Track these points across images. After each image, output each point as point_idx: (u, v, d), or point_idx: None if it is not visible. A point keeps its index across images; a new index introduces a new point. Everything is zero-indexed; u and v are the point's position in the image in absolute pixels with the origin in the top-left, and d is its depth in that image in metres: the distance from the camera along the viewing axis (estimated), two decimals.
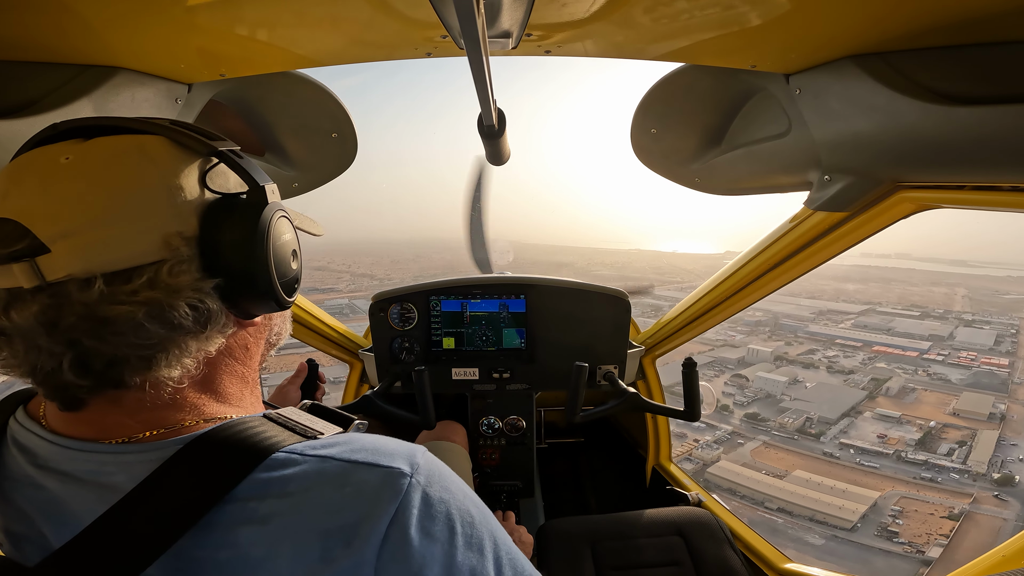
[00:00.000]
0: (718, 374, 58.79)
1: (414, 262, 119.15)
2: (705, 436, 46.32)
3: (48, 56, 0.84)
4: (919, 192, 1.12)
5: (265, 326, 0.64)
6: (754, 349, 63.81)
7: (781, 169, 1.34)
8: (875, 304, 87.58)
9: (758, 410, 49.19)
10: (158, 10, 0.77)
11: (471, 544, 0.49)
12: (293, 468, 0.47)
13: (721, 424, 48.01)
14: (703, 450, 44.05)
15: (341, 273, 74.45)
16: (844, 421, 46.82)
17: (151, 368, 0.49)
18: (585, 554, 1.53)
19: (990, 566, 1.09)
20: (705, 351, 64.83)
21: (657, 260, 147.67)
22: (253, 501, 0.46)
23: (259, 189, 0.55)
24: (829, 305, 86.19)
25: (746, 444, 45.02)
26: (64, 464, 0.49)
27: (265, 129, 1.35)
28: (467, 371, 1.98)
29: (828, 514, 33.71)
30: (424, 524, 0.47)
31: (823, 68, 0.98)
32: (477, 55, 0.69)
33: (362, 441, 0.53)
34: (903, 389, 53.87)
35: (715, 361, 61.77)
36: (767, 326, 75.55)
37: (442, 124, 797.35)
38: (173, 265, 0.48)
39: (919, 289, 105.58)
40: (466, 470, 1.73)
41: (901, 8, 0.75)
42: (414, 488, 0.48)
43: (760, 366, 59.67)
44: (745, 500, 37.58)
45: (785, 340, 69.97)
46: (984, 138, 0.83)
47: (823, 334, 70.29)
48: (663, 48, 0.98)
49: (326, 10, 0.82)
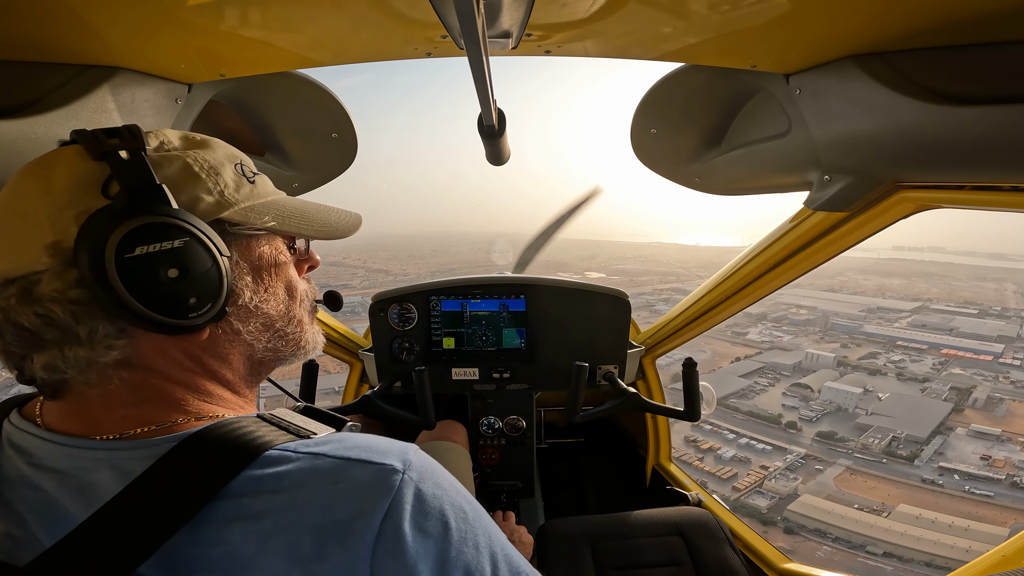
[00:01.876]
0: (773, 383, 52.56)
1: (431, 256, 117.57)
2: (774, 461, 39.89)
3: (48, 56, 0.84)
4: (919, 192, 1.12)
5: (228, 341, 0.60)
6: (812, 354, 57.58)
7: (781, 169, 1.34)
8: (927, 301, 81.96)
9: (831, 427, 43.29)
10: (158, 10, 0.77)
11: (465, 540, 0.49)
12: (286, 465, 0.48)
13: (791, 446, 41.91)
14: (776, 480, 37.51)
15: (356, 269, 72.23)
16: (936, 440, 41.12)
17: (29, 366, 0.51)
18: (585, 554, 1.53)
19: (990, 566, 1.09)
20: (751, 354, 59.31)
21: (682, 253, 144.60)
22: (246, 498, 0.46)
23: (133, 193, 0.49)
24: (878, 302, 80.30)
25: (826, 470, 39.12)
26: (58, 461, 0.50)
27: (265, 129, 1.35)
28: (467, 371, 1.98)
29: (952, 559, 27.22)
30: (417, 520, 0.47)
31: (823, 68, 0.98)
32: (477, 55, 0.69)
33: (355, 439, 0.53)
34: (990, 399, 48.15)
35: (766, 367, 55.40)
36: (816, 326, 69.25)
37: (464, 117, 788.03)
38: (39, 277, 0.49)
39: (965, 284, 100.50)
40: (466, 470, 1.73)
41: (901, 8, 0.75)
42: (407, 484, 0.49)
43: (821, 374, 53.15)
44: (840, 544, 31.49)
45: (840, 342, 63.67)
46: (984, 138, 0.83)
47: (881, 335, 64.21)
48: (663, 48, 0.98)
49: (326, 10, 0.82)
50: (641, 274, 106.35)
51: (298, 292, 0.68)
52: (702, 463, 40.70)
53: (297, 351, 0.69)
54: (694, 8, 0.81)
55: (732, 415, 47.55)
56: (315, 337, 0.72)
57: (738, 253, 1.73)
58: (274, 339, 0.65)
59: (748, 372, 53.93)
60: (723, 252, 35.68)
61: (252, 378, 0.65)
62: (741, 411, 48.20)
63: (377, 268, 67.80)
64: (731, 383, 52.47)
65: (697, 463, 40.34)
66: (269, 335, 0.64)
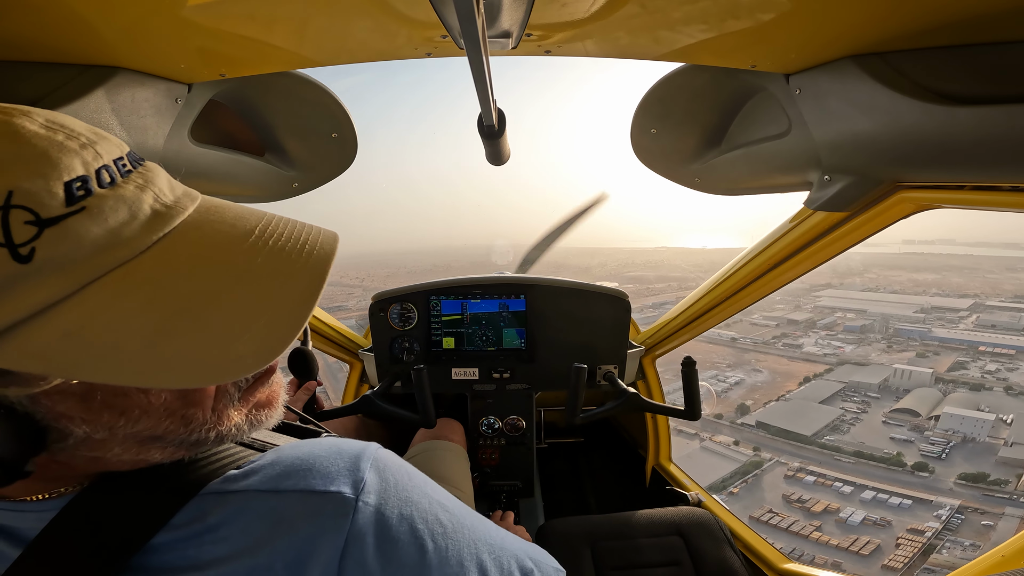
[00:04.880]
0: (863, 407, 42.09)
1: (431, 272, 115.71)
2: (923, 521, 30.02)
3: (48, 56, 0.84)
4: (919, 192, 1.12)
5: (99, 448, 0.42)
6: (902, 370, 47.15)
7: (781, 169, 1.34)
8: (978, 297, 74.04)
9: (968, 463, 33.08)
10: (158, 10, 0.77)
11: (447, 560, 0.44)
12: (219, 510, 0.41)
13: (939, 498, 31.07)
14: (947, 552, 27.25)
15: (353, 288, 68.41)
16: None
17: None
18: (585, 554, 1.53)
19: (990, 566, 1.09)
20: (820, 372, 48.99)
21: (692, 257, 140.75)
22: (191, 548, 0.40)
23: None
24: (932, 301, 71.68)
25: (997, 525, 29.46)
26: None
27: (265, 129, 1.35)
28: (467, 371, 1.98)
29: None
30: (384, 550, 0.41)
31: (823, 68, 0.98)
32: (477, 55, 0.69)
33: (289, 460, 0.44)
34: None
35: (846, 387, 45.32)
36: (876, 332, 59.86)
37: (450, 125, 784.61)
38: None
39: (1002, 276, 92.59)
40: (464, 470, 1.72)
41: (901, 8, 0.75)
42: (362, 511, 0.42)
43: (921, 394, 42.34)
44: None
45: (914, 350, 54.44)
46: (984, 138, 0.83)
47: (956, 340, 54.69)
48: (663, 48, 0.98)
49: (326, 10, 0.82)
50: (656, 281, 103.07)
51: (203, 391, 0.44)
52: (821, 532, 30.16)
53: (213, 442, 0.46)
54: (694, 8, 0.81)
55: (837, 459, 38.12)
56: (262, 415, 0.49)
57: None
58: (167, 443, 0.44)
59: (828, 397, 44.97)
60: (733, 254, 34.85)
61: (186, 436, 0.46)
62: (846, 451, 38.77)
63: (375, 287, 67.76)
64: (815, 415, 42.92)
65: (815, 534, 29.26)
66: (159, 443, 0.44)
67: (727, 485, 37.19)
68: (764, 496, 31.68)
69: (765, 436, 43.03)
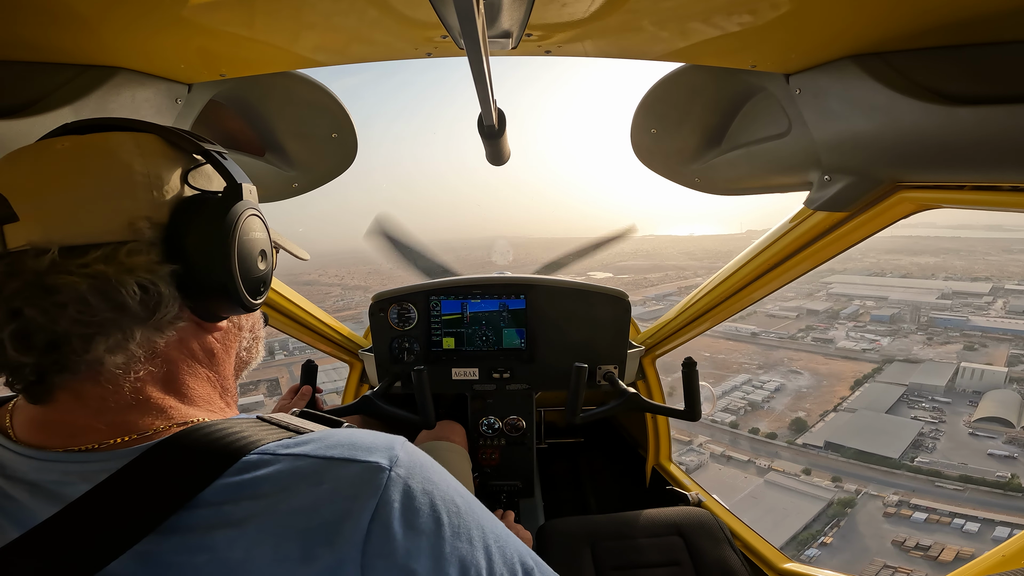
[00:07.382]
0: (938, 417, 35.04)
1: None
2: None
3: (48, 56, 0.84)
4: (919, 192, 1.12)
5: (233, 335, 0.64)
6: (970, 369, 40.12)
7: (781, 169, 1.34)
8: (996, 280, 67.82)
9: None
10: (158, 10, 0.77)
11: (459, 534, 0.49)
12: (266, 469, 0.47)
13: None
14: None
15: (331, 287, 64.56)
16: None
17: (91, 350, 0.48)
18: (585, 554, 1.53)
19: (990, 566, 1.09)
20: (867, 371, 41.69)
21: (682, 245, 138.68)
22: (228, 504, 0.45)
23: (236, 187, 0.57)
24: (950, 286, 64.90)
25: None
26: (31, 474, 0.49)
27: (265, 129, 1.35)
28: (467, 371, 1.98)
29: None
30: (407, 517, 0.47)
31: (823, 68, 0.98)
32: (477, 55, 0.69)
33: (337, 436, 0.52)
34: None
35: (909, 390, 37.94)
36: (908, 322, 52.76)
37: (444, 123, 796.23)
38: (133, 247, 0.50)
39: (1000, 259, 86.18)
40: (466, 470, 1.73)
41: (901, 8, 0.75)
42: (394, 482, 0.48)
43: (998, 397, 35.89)
44: None
45: (960, 343, 47.44)
46: (984, 138, 0.83)
47: (998, 329, 48.08)
48: (663, 48, 0.98)
49: (326, 10, 0.82)
50: (651, 271, 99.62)
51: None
52: None
53: (257, 356, 0.71)
54: (694, 8, 0.81)
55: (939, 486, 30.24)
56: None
57: (738, 239, 1.72)
58: (251, 340, 0.68)
59: (892, 404, 37.68)
60: (724, 240, 32.47)
61: (233, 380, 0.66)
62: (949, 476, 30.69)
63: (355, 285, 61.38)
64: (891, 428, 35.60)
65: None
66: (250, 336, 0.67)
67: (817, 534, 27.76)
68: (866, 544, 25.64)
69: (840, 460, 34.12)
